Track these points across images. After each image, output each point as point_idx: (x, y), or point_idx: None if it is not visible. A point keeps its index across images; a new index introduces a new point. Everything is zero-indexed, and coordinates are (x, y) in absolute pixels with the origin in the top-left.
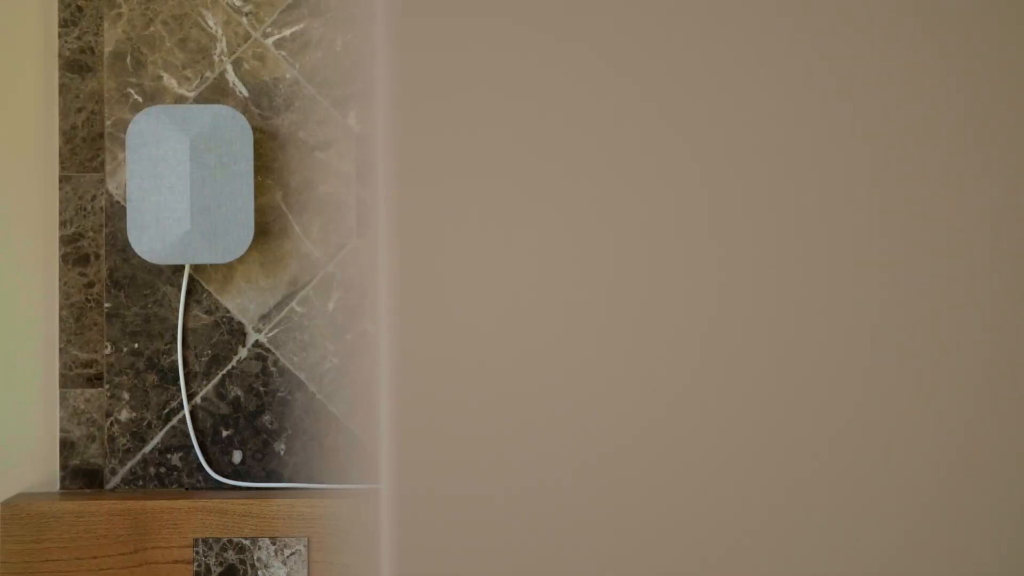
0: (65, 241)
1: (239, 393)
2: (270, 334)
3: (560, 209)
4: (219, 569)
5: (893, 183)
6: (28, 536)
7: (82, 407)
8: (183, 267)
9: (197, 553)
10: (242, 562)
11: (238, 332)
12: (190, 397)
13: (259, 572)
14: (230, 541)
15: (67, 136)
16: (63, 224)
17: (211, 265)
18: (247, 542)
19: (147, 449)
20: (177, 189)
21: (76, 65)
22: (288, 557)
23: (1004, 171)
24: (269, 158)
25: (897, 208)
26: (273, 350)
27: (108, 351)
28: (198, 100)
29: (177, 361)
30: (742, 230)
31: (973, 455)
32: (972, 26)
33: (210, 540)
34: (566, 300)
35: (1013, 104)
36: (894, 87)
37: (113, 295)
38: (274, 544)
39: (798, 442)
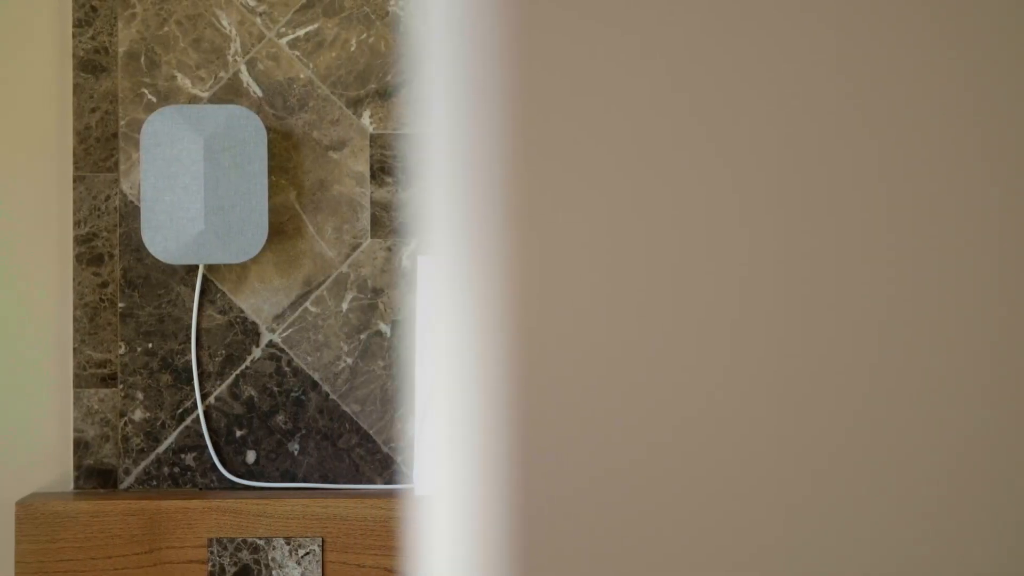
0: (79, 241)
1: (253, 393)
2: (284, 334)
3: (678, 210)
4: (233, 569)
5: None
6: (43, 536)
7: (96, 407)
8: (197, 267)
9: (211, 553)
10: (256, 562)
11: (252, 332)
12: (204, 397)
13: (273, 572)
14: (244, 541)
15: (81, 136)
16: (77, 224)
17: (225, 265)
18: (261, 542)
19: (161, 449)
20: (191, 189)
21: (90, 65)
22: (302, 557)
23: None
24: (283, 158)
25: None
26: (287, 350)
27: (122, 351)
28: (212, 100)
29: (191, 361)
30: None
31: (994, 455)
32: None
33: (224, 540)
34: (684, 301)
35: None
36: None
37: (127, 295)
38: (288, 544)
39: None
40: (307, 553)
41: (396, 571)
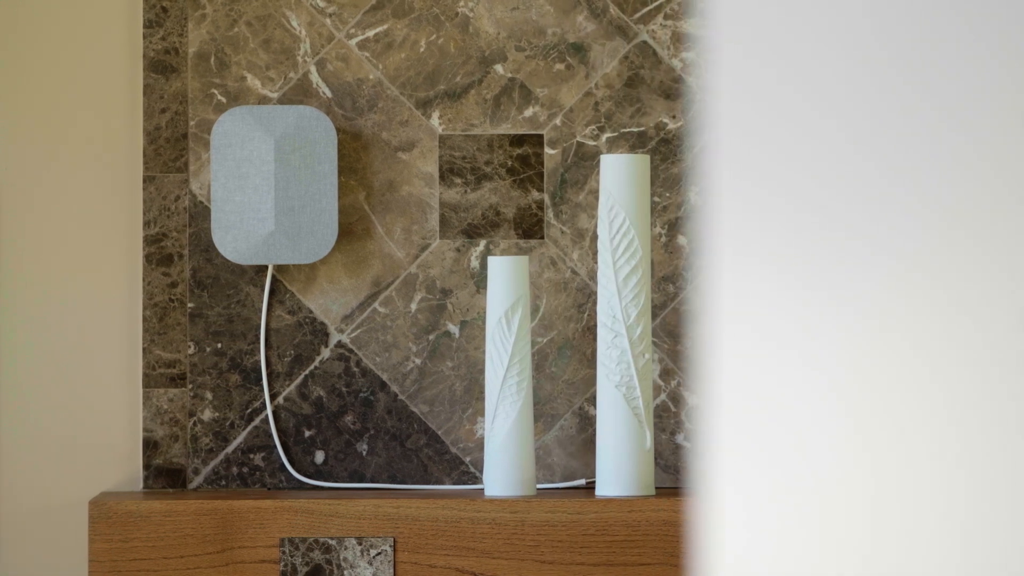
0: (149, 241)
1: (321, 393)
2: (352, 334)
3: None
4: (305, 569)
5: None
6: (116, 535)
7: (165, 407)
8: (266, 267)
9: (283, 553)
10: (328, 562)
11: (321, 332)
12: (273, 397)
13: (345, 572)
14: (316, 541)
15: (151, 136)
16: (147, 224)
17: (294, 265)
18: (333, 542)
19: (230, 449)
20: (261, 189)
21: (160, 66)
22: (374, 557)
23: None
24: (352, 159)
25: None
26: (355, 350)
27: (191, 351)
28: (281, 101)
29: (260, 361)
30: None
31: None
32: None
33: (296, 540)
34: None
35: None
36: None
37: (196, 295)
38: (360, 544)
39: None
40: (379, 553)
41: (467, 571)
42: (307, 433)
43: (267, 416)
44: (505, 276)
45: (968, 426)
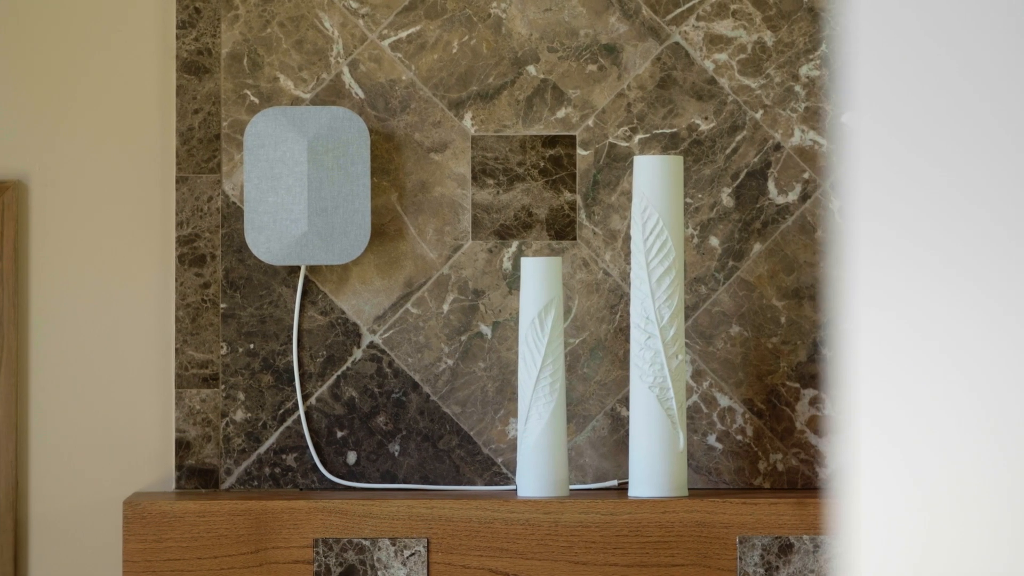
0: (181, 242)
1: (354, 394)
2: (385, 335)
3: None
4: (339, 569)
5: None
6: (150, 535)
7: (198, 407)
8: (298, 268)
9: (317, 553)
10: (362, 562)
11: (353, 333)
12: (305, 398)
13: (379, 572)
14: (350, 541)
15: (184, 137)
16: (179, 225)
17: (326, 266)
18: (367, 543)
19: (262, 449)
20: (294, 190)
21: (193, 66)
22: (408, 558)
23: None
24: (384, 160)
25: None
26: (388, 351)
27: (224, 351)
28: (314, 102)
29: (292, 362)
30: None
31: None
32: None
33: (330, 540)
34: None
35: None
36: None
37: (229, 296)
38: (394, 545)
39: None
40: (412, 554)
41: (501, 572)
42: (339, 434)
43: (299, 417)
44: (538, 277)
45: None
